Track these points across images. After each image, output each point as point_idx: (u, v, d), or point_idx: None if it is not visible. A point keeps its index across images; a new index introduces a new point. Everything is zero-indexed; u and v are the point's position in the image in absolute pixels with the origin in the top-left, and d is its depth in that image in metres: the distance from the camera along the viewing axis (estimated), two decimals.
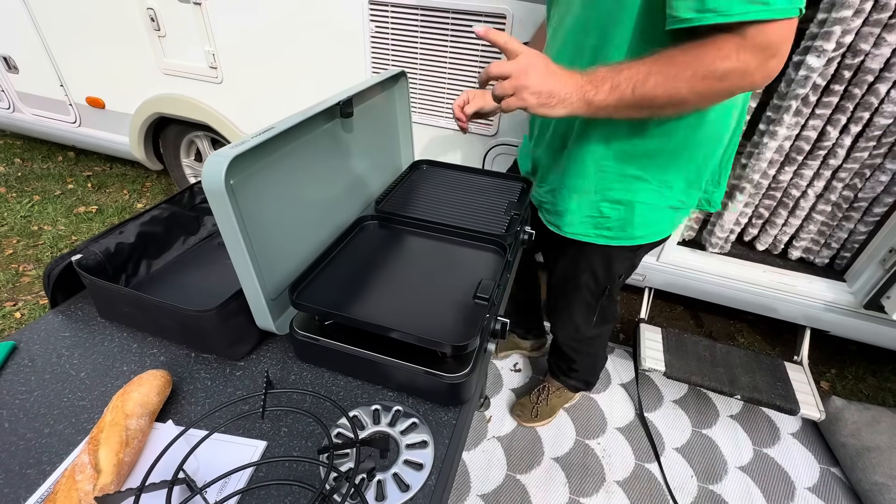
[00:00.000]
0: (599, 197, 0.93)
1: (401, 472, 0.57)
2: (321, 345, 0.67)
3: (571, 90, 0.68)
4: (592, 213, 0.96)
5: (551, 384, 1.62)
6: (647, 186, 0.90)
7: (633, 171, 0.88)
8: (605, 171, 0.90)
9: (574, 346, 1.38)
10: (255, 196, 0.65)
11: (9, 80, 2.38)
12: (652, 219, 0.94)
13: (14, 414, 0.61)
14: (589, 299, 1.16)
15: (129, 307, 0.75)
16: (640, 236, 0.97)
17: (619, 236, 0.97)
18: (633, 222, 0.94)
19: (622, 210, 0.93)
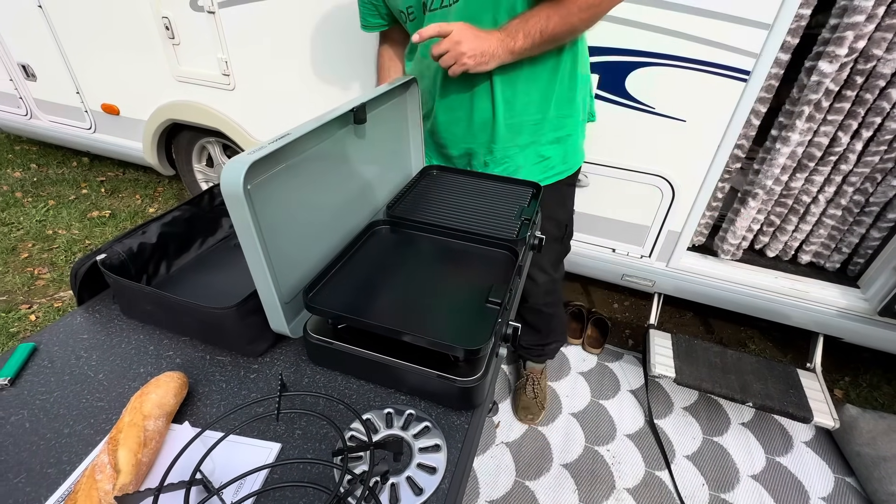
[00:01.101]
0: (538, 144, 1.10)
1: (414, 476, 0.57)
2: (334, 348, 0.68)
3: (496, 45, 0.88)
4: (537, 160, 1.12)
5: (534, 371, 1.69)
6: (569, 120, 1.09)
7: (556, 112, 1.06)
8: (538, 122, 1.07)
9: (551, 300, 1.43)
10: (270, 200, 0.66)
11: (27, 87, 2.44)
12: (578, 142, 1.16)
13: (35, 414, 0.63)
14: (555, 246, 1.31)
15: (151, 305, 0.76)
16: (577, 161, 1.17)
17: (563, 169, 1.15)
18: (567, 151, 1.13)
19: (558, 146, 1.11)
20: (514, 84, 1.02)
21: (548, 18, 0.87)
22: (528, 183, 1.08)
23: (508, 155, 1.12)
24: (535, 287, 1.36)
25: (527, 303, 1.42)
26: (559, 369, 1.85)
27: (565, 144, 1.13)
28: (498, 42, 0.88)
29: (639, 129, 1.43)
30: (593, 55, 1.36)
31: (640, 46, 1.30)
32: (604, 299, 2.25)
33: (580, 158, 1.19)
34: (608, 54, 1.34)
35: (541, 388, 1.67)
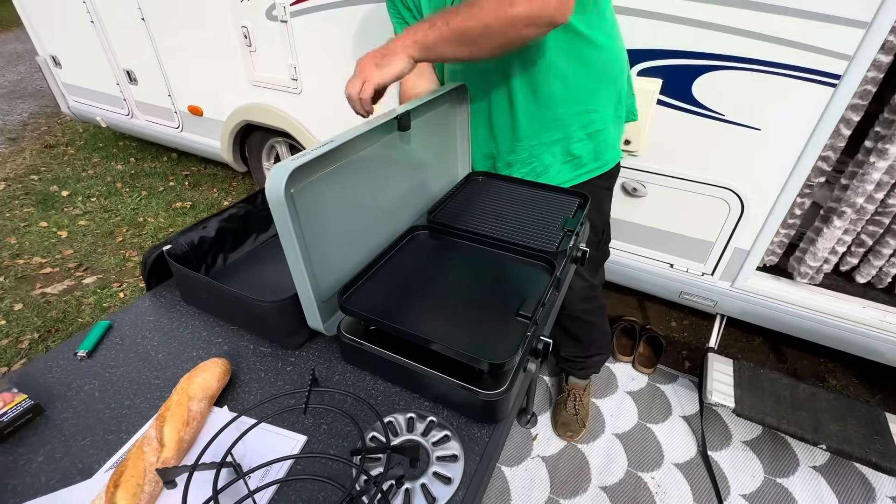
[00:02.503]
0: (568, 141, 1.06)
1: (429, 484, 0.58)
2: (364, 349, 0.70)
3: (398, 41, 0.81)
4: (566, 159, 1.08)
5: (576, 387, 1.62)
6: (598, 115, 1.04)
7: (582, 107, 1.02)
8: (561, 117, 1.03)
9: (589, 307, 1.38)
10: (312, 204, 0.69)
11: (130, 90, 2.75)
12: (611, 139, 1.09)
13: (104, 385, 0.71)
14: (592, 251, 1.23)
15: (206, 294, 0.83)
16: (611, 158, 1.11)
17: (595, 167, 1.10)
18: (598, 148, 1.08)
19: (588, 142, 1.06)
20: (532, 79, 0.99)
21: (457, 12, 0.78)
22: (575, 193, 1.05)
23: (535, 154, 1.09)
24: (571, 293, 1.32)
25: (564, 310, 1.38)
26: (605, 386, 1.77)
27: (596, 140, 1.07)
28: (401, 38, 0.81)
29: (706, 137, 1.33)
30: (655, 59, 1.29)
31: (709, 49, 1.21)
32: (660, 316, 2.12)
33: (615, 156, 1.13)
34: (673, 57, 1.26)
35: (583, 404, 1.61)
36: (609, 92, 1.04)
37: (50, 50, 2.96)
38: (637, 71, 1.32)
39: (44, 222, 2.64)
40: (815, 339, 1.52)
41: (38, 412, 0.65)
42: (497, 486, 1.44)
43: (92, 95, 2.95)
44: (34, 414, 0.65)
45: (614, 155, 1.12)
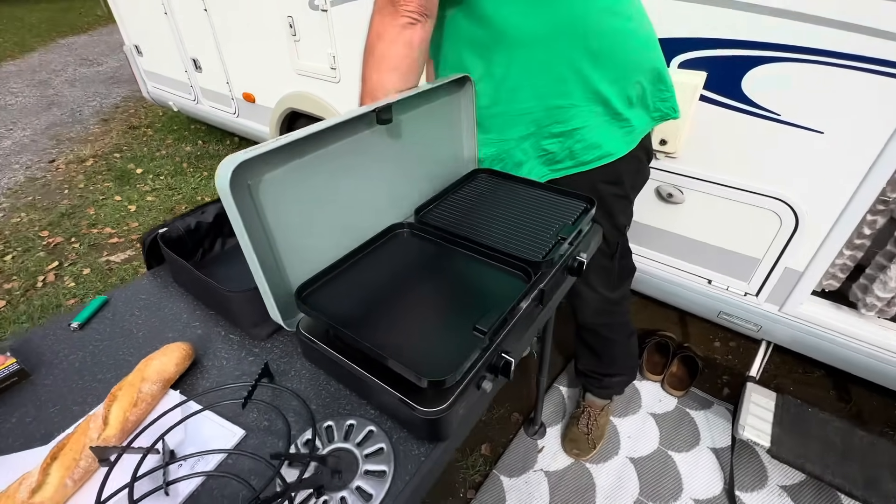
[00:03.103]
0: (538, 136, 0.98)
1: (348, 498, 0.55)
2: (317, 348, 0.68)
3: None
4: (539, 153, 1.01)
5: (593, 406, 1.51)
6: (572, 112, 0.93)
7: (552, 101, 0.92)
8: (530, 111, 0.94)
9: (606, 321, 1.28)
10: (277, 196, 0.68)
11: (196, 78, 2.95)
12: (596, 136, 0.95)
13: (84, 358, 0.75)
14: (603, 262, 1.14)
15: (187, 277, 0.86)
16: (596, 155, 0.98)
17: (572, 164, 1.00)
18: (576, 147, 0.97)
19: (563, 140, 0.97)
20: (491, 71, 0.93)
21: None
22: (583, 197, 0.96)
23: (505, 150, 1.01)
24: (581, 303, 1.22)
25: (579, 320, 1.29)
26: (626, 404, 1.65)
27: (573, 139, 0.96)
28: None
29: (756, 139, 1.16)
30: (699, 49, 1.14)
31: (764, 37, 1.05)
32: (702, 335, 1.93)
33: (604, 153, 0.98)
34: (720, 47, 1.11)
35: (597, 424, 1.50)
36: (594, 86, 0.91)
37: (134, 39, 3.25)
38: (678, 63, 1.18)
39: (118, 196, 2.93)
40: (880, 381, 1.30)
41: (23, 376, 0.71)
42: (493, 495, 1.39)
43: (166, 81, 3.21)
44: (19, 378, 0.71)
45: (601, 152, 0.98)
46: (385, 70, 0.83)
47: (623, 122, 0.96)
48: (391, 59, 0.82)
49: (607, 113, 0.95)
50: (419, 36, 0.82)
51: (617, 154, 0.99)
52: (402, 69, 0.83)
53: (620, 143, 0.99)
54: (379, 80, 0.84)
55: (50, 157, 3.43)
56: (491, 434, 1.57)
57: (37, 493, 0.52)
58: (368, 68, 0.85)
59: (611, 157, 0.99)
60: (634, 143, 1.00)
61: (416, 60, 0.84)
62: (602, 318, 1.27)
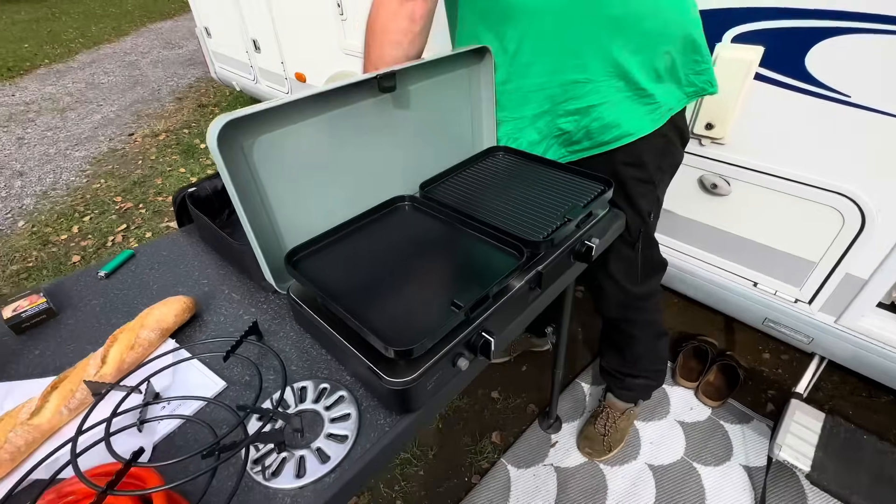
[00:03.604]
0: (552, 116, 0.93)
1: (307, 457, 0.56)
2: (304, 313, 0.69)
3: None
4: (555, 133, 0.96)
5: (614, 408, 1.43)
6: (588, 87, 0.87)
7: (571, 77, 0.86)
8: (542, 88, 0.89)
9: (629, 317, 1.20)
10: (271, 160, 0.69)
11: (255, 58, 3.09)
12: (616, 114, 0.89)
13: (104, 304, 0.82)
14: (625, 252, 1.06)
15: (209, 234, 0.92)
16: (617, 134, 0.91)
17: (589, 145, 0.95)
18: (593, 126, 0.91)
19: (579, 118, 0.91)
20: (504, 46, 0.89)
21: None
22: (601, 179, 0.89)
23: (519, 128, 0.95)
24: (601, 295, 1.15)
25: (601, 313, 1.22)
26: (652, 409, 1.55)
27: (589, 117, 0.89)
28: None
29: (820, 125, 1.02)
30: (756, 20, 1.01)
31: (834, 5, 0.91)
32: (750, 343, 1.76)
33: (623, 132, 0.90)
34: (781, 17, 0.98)
35: (615, 427, 1.42)
36: (615, 60, 0.83)
37: (204, 21, 3.46)
38: (731, 37, 1.06)
39: (183, 168, 3.16)
40: None
41: (50, 315, 0.79)
42: (498, 483, 1.37)
43: (230, 62, 3.40)
44: (47, 316, 0.78)
45: (619, 134, 0.91)
46: (387, 44, 0.81)
47: (647, 99, 0.88)
48: (393, 34, 0.80)
49: (628, 88, 0.87)
50: (421, 9, 0.79)
51: (638, 133, 0.91)
52: (405, 43, 0.81)
53: (643, 122, 0.90)
54: (380, 54, 0.82)
55: (130, 131, 3.77)
56: (503, 422, 1.54)
57: (35, 416, 0.58)
58: (370, 42, 0.83)
59: (631, 137, 0.92)
60: (661, 121, 0.91)
61: (419, 34, 0.82)
62: (624, 313, 1.20)
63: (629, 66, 0.83)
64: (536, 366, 1.72)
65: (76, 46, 6.37)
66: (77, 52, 6.15)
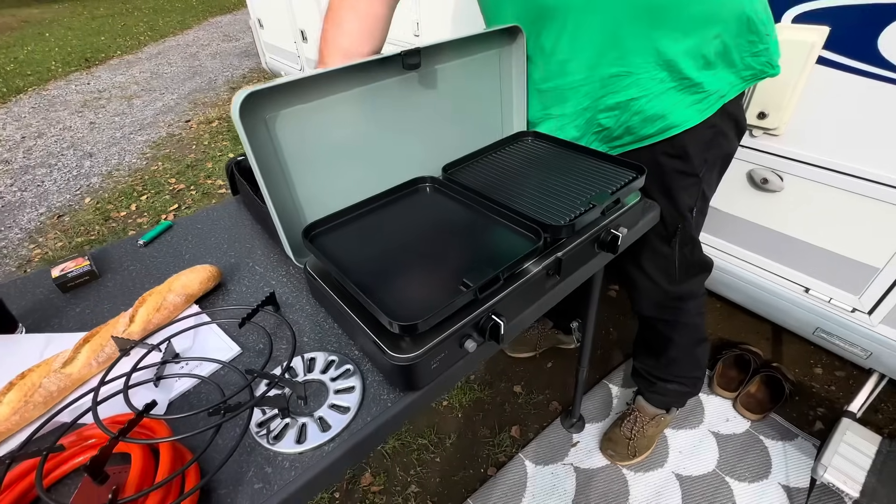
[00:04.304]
0: (592, 112, 0.89)
1: (308, 425, 0.56)
2: (318, 287, 0.70)
3: None
4: (595, 129, 0.92)
5: (643, 412, 1.36)
6: (628, 80, 0.82)
7: (610, 71, 0.82)
8: (583, 84, 0.85)
9: (666, 317, 1.14)
10: (294, 135, 0.70)
11: (302, 48, 3.18)
12: (664, 106, 0.83)
13: (140, 270, 0.87)
14: (661, 248, 1.00)
15: (250, 200, 0.96)
16: (664, 126, 0.85)
17: (631, 140, 0.90)
18: (633, 120, 0.86)
19: (618, 113, 0.87)
20: (540, 44, 0.86)
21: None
22: (634, 166, 0.84)
23: (560, 126, 0.91)
24: (635, 293, 1.10)
25: (636, 310, 1.17)
26: (684, 416, 1.47)
27: (629, 111, 0.84)
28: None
29: (891, 114, 0.92)
30: None
31: None
32: (802, 357, 1.63)
33: (668, 125, 0.85)
34: None
35: (643, 433, 1.36)
36: (658, 48, 0.78)
37: (258, 13, 3.60)
38: (792, 17, 0.98)
39: (232, 153, 3.31)
40: None
41: (93, 277, 0.84)
42: (514, 477, 1.35)
43: (279, 52, 3.51)
44: (90, 277, 0.84)
45: (663, 127, 0.85)
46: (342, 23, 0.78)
47: (694, 88, 0.82)
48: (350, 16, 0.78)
49: (672, 79, 0.81)
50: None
51: (684, 126, 0.85)
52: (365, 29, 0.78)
53: (690, 112, 0.84)
54: (334, 37, 0.78)
55: (187, 118, 3.99)
56: (524, 417, 1.51)
57: (67, 365, 0.62)
58: (328, 23, 0.80)
59: (675, 130, 0.86)
60: (710, 110, 0.85)
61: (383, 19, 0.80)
62: (659, 313, 1.13)
63: (674, 55, 0.77)
64: (562, 363, 1.68)
65: (145, 39, 6.83)
66: (145, 44, 6.59)
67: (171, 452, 0.49)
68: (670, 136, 0.85)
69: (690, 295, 1.10)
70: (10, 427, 0.57)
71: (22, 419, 0.57)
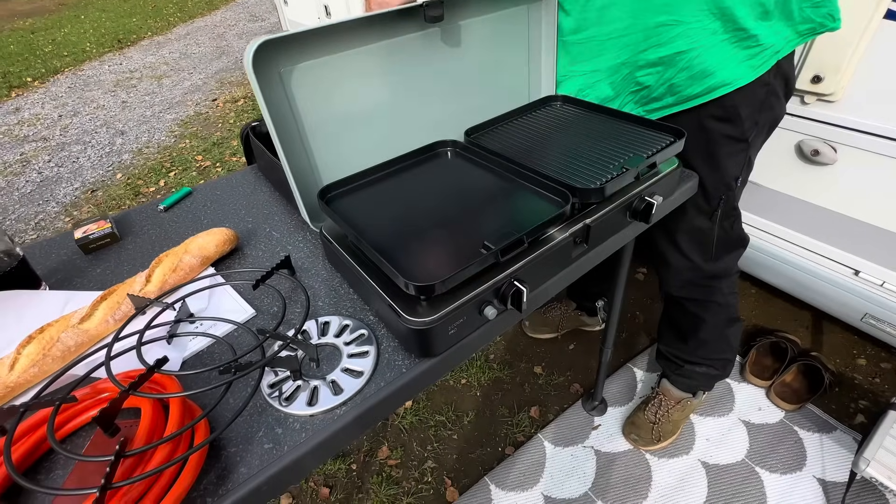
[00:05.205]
0: (631, 67, 0.82)
1: (320, 388, 0.54)
2: (334, 250, 0.68)
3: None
4: (632, 88, 0.85)
5: (668, 396, 1.30)
6: (682, 30, 0.75)
7: (656, 19, 0.75)
8: (624, 34, 0.79)
9: (697, 297, 1.07)
10: (310, 90, 0.67)
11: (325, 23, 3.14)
12: (715, 61, 0.76)
13: (160, 234, 0.86)
14: (698, 221, 0.93)
15: (267, 164, 0.94)
16: (713, 84, 0.78)
17: (673, 102, 0.83)
18: (679, 77, 0.79)
19: (661, 70, 0.80)
20: None
21: None
22: (671, 129, 0.78)
23: (590, 83, 0.85)
24: (666, 269, 1.04)
25: (662, 288, 1.11)
26: (713, 404, 1.41)
27: (675, 67, 0.77)
28: None
29: None
30: None
31: None
32: (844, 347, 1.53)
33: (717, 83, 0.78)
34: None
35: (668, 417, 1.30)
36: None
37: None
38: None
39: None
40: None
41: (114, 239, 0.84)
42: (533, 458, 1.32)
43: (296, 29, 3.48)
44: (111, 240, 0.84)
45: (712, 85, 0.78)
46: None
47: (749, 41, 0.75)
48: None
49: (726, 30, 0.74)
50: None
51: (736, 83, 0.78)
52: None
53: (743, 69, 0.77)
54: None
55: (213, 97, 4.03)
56: (543, 399, 1.48)
57: (84, 321, 0.62)
58: None
59: (726, 88, 0.79)
60: (764, 67, 0.77)
61: None
62: (691, 292, 1.07)
63: (730, 1, 0.70)
64: (585, 346, 1.63)
65: (174, 20, 6.91)
66: (175, 25, 6.67)
67: (181, 408, 0.48)
68: (719, 97, 0.78)
69: (725, 273, 1.04)
70: (29, 379, 0.57)
71: (41, 372, 0.58)
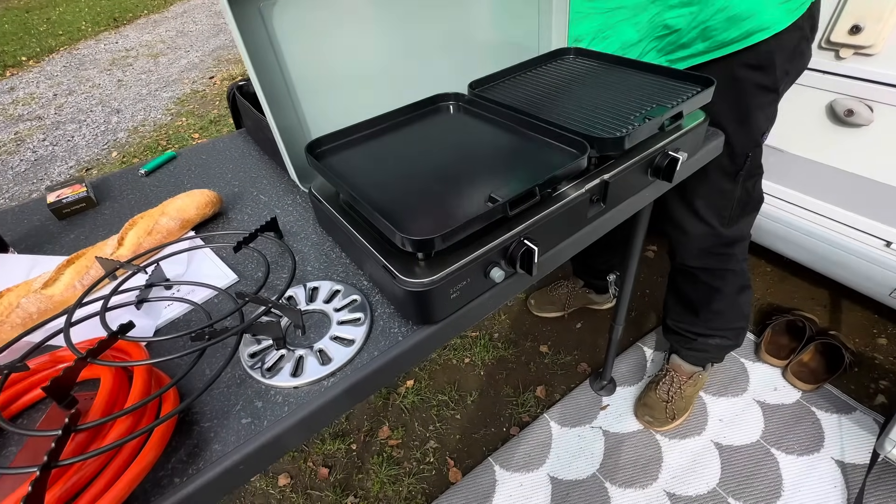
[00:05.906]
0: (661, 7, 0.74)
1: (306, 357, 0.49)
2: (325, 211, 0.62)
3: None
4: (659, 33, 0.77)
5: (679, 371, 1.25)
6: None
7: None
8: None
9: (711, 266, 1.02)
10: (295, 32, 0.60)
11: None
12: (749, 5, 0.68)
13: (139, 198, 0.80)
14: (721, 183, 0.87)
15: (253, 123, 0.88)
16: (751, 29, 0.70)
17: (704, 50, 0.75)
18: (713, 21, 0.71)
19: (695, 11, 0.71)
20: None
21: None
22: (698, 78, 0.70)
23: (610, 24, 0.77)
24: (682, 238, 0.98)
25: (676, 261, 1.04)
26: (726, 383, 1.35)
27: (712, 7, 0.69)
28: None
29: None
30: None
31: None
32: (863, 326, 1.47)
33: (755, 27, 0.70)
34: None
35: (681, 394, 1.26)
36: None
37: None
38: None
39: None
40: None
41: (90, 204, 0.78)
42: (538, 438, 1.28)
43: None
44: (87, 205, 0.78)
45: (749, 30, 0.70)
46: None
47: None
48: None
49: None
50: None
51: (775, 28, 0.70)
52: None
53: (780, 12, 0.69)
54: None
55: (210, 75, 3.93)
56: (550, 378, 1.43)
57: (48, 287, 0.56)
58: None
59: (765, 34, 0.71)
60: (800, 10, 0.69)
61: None
62: (708, 261, 1.01)
63: None
64: (593, 324, 1.57)
65: None
66: (172, 2, 6.50)
67: (146, 378, 0.42)
68: (755, 43, 0.70)
69: (741, 237, 0.98)
70: None
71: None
